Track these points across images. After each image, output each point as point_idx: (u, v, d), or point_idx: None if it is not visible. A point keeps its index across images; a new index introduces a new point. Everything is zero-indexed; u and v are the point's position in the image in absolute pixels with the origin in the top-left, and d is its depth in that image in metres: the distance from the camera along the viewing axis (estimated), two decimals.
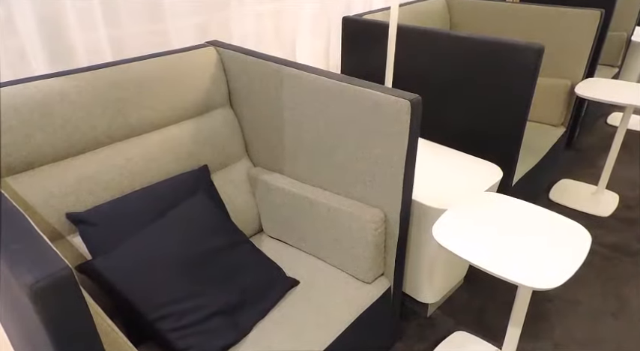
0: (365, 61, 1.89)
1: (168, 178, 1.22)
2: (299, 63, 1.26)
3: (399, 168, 1.12)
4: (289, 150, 1.34)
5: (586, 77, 2.18)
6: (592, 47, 2.07)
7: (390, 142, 1.10)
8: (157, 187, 1.18)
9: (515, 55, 1.51)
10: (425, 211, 1.32)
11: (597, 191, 2.21)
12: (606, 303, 1.61)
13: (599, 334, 1.49)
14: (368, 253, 1.18)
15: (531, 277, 0.95)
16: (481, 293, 1.66)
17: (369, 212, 1.16)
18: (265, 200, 1.36)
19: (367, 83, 1.13)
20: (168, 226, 1.07)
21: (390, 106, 1.07)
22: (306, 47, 1.98)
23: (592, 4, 2.22)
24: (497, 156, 1.64)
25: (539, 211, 1.16)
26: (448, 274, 1.51)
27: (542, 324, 1.53)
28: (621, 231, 1.97)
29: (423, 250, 1.39)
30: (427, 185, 1.40)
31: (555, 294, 1.65)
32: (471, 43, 1.59)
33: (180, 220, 1.09)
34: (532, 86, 1.52)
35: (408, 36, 1.73)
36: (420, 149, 1.63)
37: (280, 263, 1.24)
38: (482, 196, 1.24)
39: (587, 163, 2.54)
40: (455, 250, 1.05)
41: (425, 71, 1.73)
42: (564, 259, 1.00)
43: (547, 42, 2.14)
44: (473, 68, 1.61)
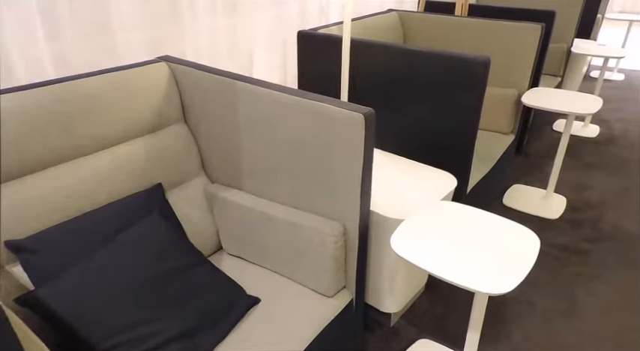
0: (321, 75, 1.91)
1: (120, 198, 1.18)
2: (253, 78, 1.25)
3: (356, 180, 1.13)
4: (247, 165, 1.32)
5: (531, 87, 2.30)
6: (535, 58, 2.18)
7: (347, 155, 1.11)
8: (107, 208, 1.13)
9: (463, 67, 1.57)
10: (383, 221, 1.33)
11: (546, 195, 2.31)
12: (559, 303, 1.68)
13: (554, 334, 1.55)
14: (329, 267, 1.18)
15: (485, 283, 0.97)
16: (442, 300, 1.69)
17: (329, 225, 1.16)
18: (224, 217, 1.34)
19: (321, 97, 1.14)
20: (119, 249, 1.02)
21: (345, 119, 1.08)
22: (262, 62, 1.98)
23: (533, 18, 2.35)
24: (451, 165, 1.69)
25: (491, 218, 1.20)
26: (409, 282, 1.53)
27: (501, 327, 1.57)
28: (569, 232, 2.07)
29: (384, 260, 1.40)
30: (385, 196, 1.42)
31: (511, 297, 1.70)
32: (422, 56, 1.64)
33: (132, 243, 1.05)
34: (481, 96, 1.58)
35: (363, 49, 1.76)
36: (377, 160, 1.66)
37: (241, 282, 1.21)
38: (438, 205, 1.27)
39: (536, 168, 2.66)
40: (412, 259, 1.06)
41: (380, 84, 1.77)
42: (516, 263, 1.03)
43: (494, 54, 2.25)
44: (425, 80, 1.66)
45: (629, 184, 2.47)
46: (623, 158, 2.76)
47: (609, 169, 2.64)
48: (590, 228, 2.10)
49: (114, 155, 1.20)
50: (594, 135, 3.09)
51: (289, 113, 1.16)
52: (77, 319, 0.90)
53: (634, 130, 3.15)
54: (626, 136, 3.07)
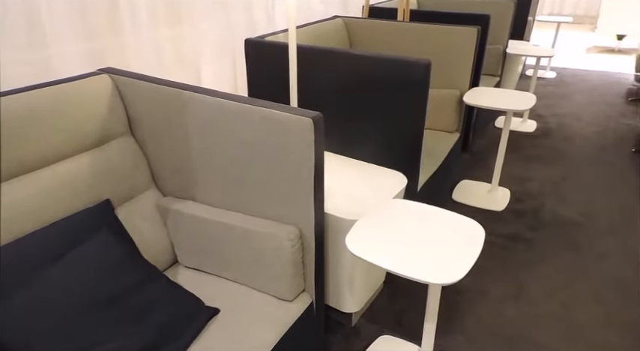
0: (271, 82, 1.92)
1: (66, 216, 1.13)
2: (200, 87, 1.25)
3: (308, 184, 1.15)
4: (199, 176, 1.31)
5: (472, 87, 2.42)
6: (474, 60, 2.30)
7: (298, 160, 1.13)
8: (52, 227, 1.08)
9: (407, 69, 1.64)
10: (338, 223, 1.36)
11: (492, 188, 2.44)
12: (508, 288, 1.77)
13: (504, 318, 1.63)
14: (287, 271, 1.19)
15: (437, 275, 1.02)
16: (400, 296, 1.74)
17: (285, 230, 1.17)
18: (178, 230, 1.32)
19: (270, 104, 1.16)
20: (67, 270, 0.98)
21: (294, 124, 1.10)
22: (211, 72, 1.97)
23: (470, 22, 2.48)
24: (401, 164, 1.75)
25: (440, 213, 1.26)
26: (368, 281, 1.57)
27: (456, 316, 1.64)
28: (514, 222, 2.20)
29: (341, 261, 1.43)
30: (338, 198, 1.45)
31: (465, 286, 1.78)
32: (367, 60, 1.70)
33: (81, 262, 1.01)
34: (424, 97, 1.65)
35: (310, 55, 1.79)
36: (328, 163, 1.69)
37: (199, 293, 1.20)
38: (390, 203, 1.31)
39: (481, 163, 2.80)
40: (368, 258, 1.09)
41: (328, 88, 1.81)
42: (464, 254, 1.09)
43: (436, 57, 2.35)
44: (371, 83, 1.71)
45: (565, 174, 2.65)
46: (559, 150, 2.96)
47: (547, 160, 2.82)
48: (532, 217, 2.24)
49: (57, 172, 1.16)
50: (532, 130, 3.29)
51: (239, 121, 1.17)
52: (22, 345, 0.86)
53: (567, 124, 3.39)
54: (560, 129, 3.29)
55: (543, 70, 4.79)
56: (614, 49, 5.91)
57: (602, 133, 3.21)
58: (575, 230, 2.13)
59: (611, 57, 5.52)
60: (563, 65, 5.06)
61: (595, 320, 1.62)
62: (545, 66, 4.88)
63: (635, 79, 4.48)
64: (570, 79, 4.53)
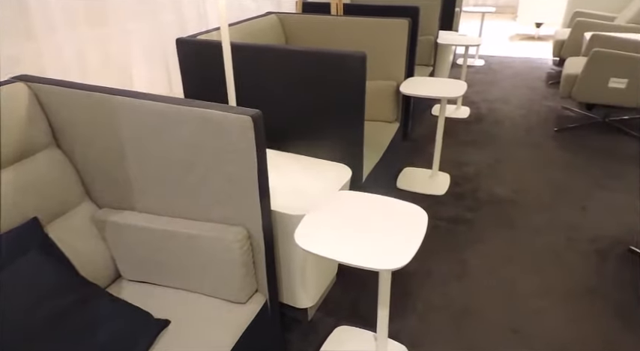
0: (207, 82, 1.87)
1: None
2: (132, 91, 1.19)
3: (252, 183, 1.13)
4: (137, 184, 1.25)
5: (407, 77, 2.49)
6: (407, 51, 2.37)
7: (239, 159, 1.11)
8: None
9: (343, 63, 1.66)
10: (286, 219, 1.36)
11: (432, 174, 2.54)
12: (453, 268, 1.86)
13: (450, 296, 1.71)
14: (237, 273, 1.17)
15: (385, 261, 1.05)
16: (353, 286, 1.77)
17: (232, 232, 1.15)
18: (118, 242, 1.25)
19: (206, 104, 1.13)
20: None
21: (232, 123, 1.08)
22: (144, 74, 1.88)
23: (401, 14, 2.55)
24: (344, 156, 1.77)
25: (385, 201, 1.29)
26: (320, 275, 1.58)
27: (407, 299, 1.69)
28: (455, 205, 2.30)
29: (292, 257, 1.42)
30: (284, 194, 1.44)
31: (414, 270, 1.84)
32: (303, 56, 1.70)
33: (10, 286, 0.94)
34: (362, 89, 1.68)
35: (246, 53, 1.76)
36: (272, 161, 1.68)
37: (146, 306, 1.15)
38: (336, 195, 1.33)
39: (422, 150, 2.90)
40: (317, 251, 1.10)
41: (267, 85, 1.79)
42: (409, 238, 1.12)
43: (371, 49, 2.40)
44: (309, 78, 1.71)
45: (498, 156, 2.81)
46: (491, 134, 3.13)
47: (481, 144, 2.97)
48: (471, 198, 2.36)
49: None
50: (466, 115, 3.45)
51: (175, 123, 1.13)
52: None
53: (497, 108, 3.59)
54: (491, 114, 3.48)
55: (472, 58, 5.04)
56: (534, 37, 6.33)
57: (527, 116, 3.43)
58: (510, 208, 2.27)
59: (531, 44, 5.92)
60: (490, 53, 5.35)
61: (532, 290, 1.74)
62: (474, 54, 5.13)
63: (553, 64, 4.83)
64: (497, 66, 4.80)
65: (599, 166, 2.66)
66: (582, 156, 2.78)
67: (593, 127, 3.18)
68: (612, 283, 1.75)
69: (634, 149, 2.86)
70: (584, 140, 3.00)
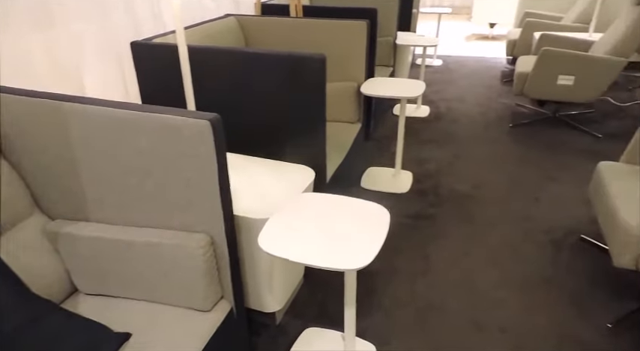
0: (165, 87, 1.83)
1: None
2: (83, 97, 1.14)
3: (213, 188, 1.11)
4: (92, 193, 1.21)
5: (368, 78, 2.53)
6: (366, 52, 2.41)
7: (199, 164, 1.09)
8: None
9: (303, 65, 1.66)
10: (250, 223, 1.34)
11: (395, 173, 2.59)
12: (417, 264, 1.90)
13: (416, 292, 1.75)
14: (201, 281, 1.15)
15: (349, 261, 1.06)
16: (321, 287, 1.77)
17: (194, 239, 1.13)
18: (73, 255, 1.20)
19: (163, 109, 1.10)
20: None
21: (190, 128, 1.06)
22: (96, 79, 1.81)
23: (360, 15, 2.58)
24: (307, 158, 1.77)
25: (349, 202, 1.30)
26: (287, 278, 1.57)
27: (374, 297, 1.72)
28: (418, 202, 2.35)
29: (258, 261, 1.41)
30: (247, 198, 1.43)
31: (380, 268, 1.87)
32: (263, 58, 1.69)
33: None
34: (322, 91, 1.69)
35: (204, 56, 1.73)
36: (234, 164, 1.66)
37: (106, 320, 1.11)
38: (300, 197, 1.33)
39: (384, 150, 2.95)
40: (282, 254, 1.09)
41: (227, 88, 1.77)
42: (372, 237, 1.14)
43: (331, 51, 2.41)
44: (270, 81, 1.70)
45: (457, 153, 2.90)
46: (450, 131, 3.22)
47: (441, 142, 3.06)
48: (432, 195, 2.42)
49: None
50: (426, 114, 3.54)
51: (131, 130, 1.09)
52: None
53: (455, 107, 3.70)
54: (449, 112, 3.58)
55: (431, 58, 5.17)
56: (489, 36, 6.57)
57: (484, 113, 3.55)
58: (470, 202, 2.34)
59: (486, 43, 6.13)
60: (448, 53, 5.50)
61: (492, 282, 1.80)
62: (432, 55, 5.26)
63: (507, 62, 5.02)
64: (454, 65, 4.95)
65: (551, 159, 2.79)
66: (535, 150, 2.91)
67: (545, 123, 3.34)
68: (566, 272, 1.84)
69: (582, 143, 3.02)
70: (537, 135, 3.14)
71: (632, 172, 1.74)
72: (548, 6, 4.91)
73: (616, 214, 1.51)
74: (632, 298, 1.69)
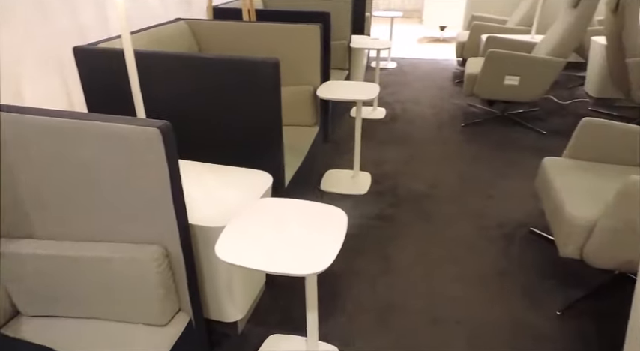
0: (113, 95, 1.76)
1: None
2: (21, 107, 1.08)
3: (166, 197, 1.08)
4: (35, 208, 1.14)
5: (324, 81, 2.54)
6: (321, 55, 2.42)
7: (150, 173, 1.06)
8: None
9: (256, 69, 1.65)
10: (206, 232, 1.31)
11: (354, 175, 2.61)
12: (378, 265, 1.92)
13: (378, 294, 1.77)
14: (156, 295, 1.11)
15: (308, 265, 1.05)
16: (283, 292, 1.76)
17: (147, 251, 1.09)
18: (14, 275, 1.13)
19: (110, 117, 1.06)
20: None
21: (139, 136, 1.02)
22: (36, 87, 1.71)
23: (313, 19, 2.59)
24: (265, 163, 1.76)
25: (307, 206, 1.30)
26: (248, 285, 1.55)
27: (336, 300, 1.72)
28: (377, 202, 2.39)
29: (216, 270, 1.38)
30: (203, 206, 1.40)
31: (342, 270, 1.88)
32: (215, 63, 1.66)
33: None
34: (277, 95, 1.68)
35: (153, 62, 1.68)
36: (188, 172, 1.62)
37: (52, 342, 1.04)
38: (257, 203, 1.31)
39: (343, 152, 2.98)
40: (240, 262, 1.07)
41: (180, 95, 1.72)
42: (331, 240, 1.14)
43: (285, 55, 2.41)
44: (223, 86, 1.68)
45: (413, 153, 2.97)
46: (406, 132, 3.29)
47: (397, 143, 3.12)
48: (391, 195, 2.46)
49: None
50: (382, 116, 3.60)
51: (74, 140, 1.04)
52: None
53: (410, 108, 3.78)
54: (405, 114, 3.66)
55: (385, 61, 5.27)
56: (439, 39, 6.78)
57: (438, 114, 3.66)
58: (427, 202, 2.40)
59: (437, 46, 6.33)
60: (402, 55, 5.63)
61: (449, 278, 1.85)
62: (387, 57, 5.37)
63: (457, 64, 5.20)
64: (408, 67, 5.07)
65: (501, 156, 2.91)
66: (486, 148, 3.03)
67: (495, 121, 3.48)
68: (518, 264, 1.92)
69: (529, 140, 3.17)
70: (488, 134, 3.26)
71: (573, 167, 1.85)
72: (493, 9, 5.13)
73: (560, 207, 1.59)
74: (578, 285, 1.79)
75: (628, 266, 1.46)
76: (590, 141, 1.89)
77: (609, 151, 1.87)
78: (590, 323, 1.61)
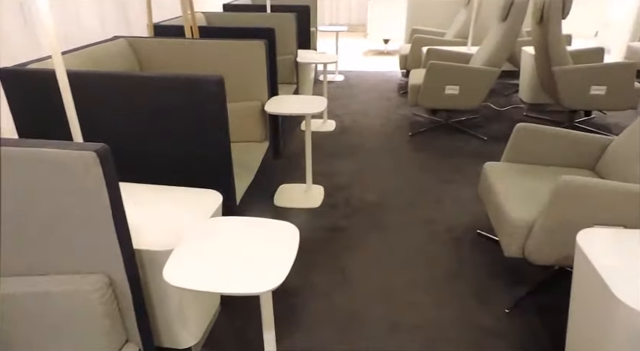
0: (46, 118, 1.67)
1: None
2: None
3: (107, 223, 1.03)
4: None
5: (272, 96, 2.55)
6: (267, 71, 2.43)
7: (89, 199, 1.01)
8: None
9: (201, 87, 1.62)
10: (154, 256, 1.26)
11: (307, 188, 2.62)
12: (334, 277, 1.93)
13: (335, 306, 1.77)
14: (101, 326, 1.05)
15: (260, 284, 1.04)
16: (239, 313, 1.72)
17: (88, 282, 1.03)
18: None
19: (42, 142, 1.00)
20: None
21: (75, 161, 0.98)
22: None
23: (258, 36, 2.60)
24: (214, 182, 1.72)
25: (257, 223, 1.28)
26: (202, 308, 1.50)
27: (293, 317, 1.70)
28: (330, 214, 2.40)
29: (167, 295, 1.33)
30: (150, 229, 1.35)
31: (298, 286, 1.86)
32: (158, 82, 1.62)
33: None
34: (223, 113, 1.66)
35: (91, 82, 1.62)
36: (133, 195, 1.56)
37: None
38: (207, 223, 1.28)
39: (295, 166, 2.98)
40: (190, 285, 1.04)
41: (122, 115, 1.67)
42: (283, 257, 1.13)
43: (231, 71, 2.39)
44: (167, 105, 1.64)
45: (364, 164, 3.02)
46: (355, 144, 3.35)
47: (347, 154, 3.17)
48: (344, 207, 2.48)
49: None
50: (332, 129, 3.65)
51: (5, 169, 0.98)
52: None
53: (358, 120, 3.86)
54: (354, 125, 3.74)
55: (333, 74, 5.37)
56: (384, 52, 7.00)
57: (386, 124, 3.76)
58: (379, 211, 2.45)
59: (382, 58, 6.53)
60: (349, 68, 5.76)
61: (405, 285, 1.89)
62: (334, 71, 5.47)
63: (402, 76, 5.39)
64: (355, 80, 5.19)
65: (447, 163, 3.03)
66: (433, 156, 3.14)
67: (439, 130, 3.62)
68: (468, 266, 1.99)
69: (472, 146, 3.32)
70: (433, 142, 3.39)
71: (511, 170, 1.95)
72: (432, 23, 5.38)
73: (501, 209, 1.68)
74: (523, 283, 1.88)
75: (566, 261, 1.55)
76: (525, 145, 2.01)
77: (543, 153, 2.00)
78: (537, 318, 1.70)
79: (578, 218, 1.46)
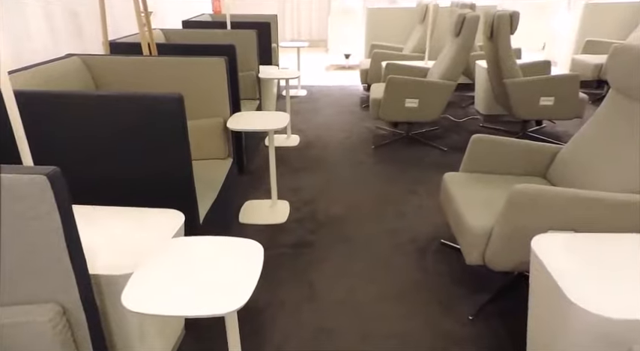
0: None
1: None
2: None
3: (59, 248, 0.99)
4: None
5: (234, 112, 2.53)
6: (228, 87, 2.42)
7: (40, 224, 0.96)
8: None
9: (159, 105, 1.60)
10: (112, 281, 1.22)
11: (272, 204, 2.61)
12: (301, 292, 1.91)
13: (303, 322, 1.76)
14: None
15: (223, 304, 1.02)
16: (205, 335, 1.67)
17: (40, 312, 0.98)
18: None
19: None
20: None
21: (24, 186, 0.94)
22: None
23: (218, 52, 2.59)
24: (175, 201, 1.69)
25: (220, 242, 1.26)
26: (165, 332, 1.45)
27: (262, 335, 1.68)
28: (297, 230, 2.40)
29: (127, 321, 1.28)
30: (108, 253, 1.30)
31: (266, 303, 1.84)
32: (114, 101, 1.58)
33: None
34: (183, 130, 1.64)
35: (41, 102, 1.56)
36: (89, 218, 1.50)
37: None
38: (168, 244, 1.25)
39: (260, 182, 2.96)
40: (150, 310, 1.01)
41: (77, 137, 1.61)
42: (247, 275, 1.12)
43: (191, 88, 2.37)
44: (125, 124, 1.60)
45: (328, 177, 3.04)
46: (320, 158, 3.38)
47: (312, 169, 3.18)
48: (310, 221, 2.48)
49: None
50: (296, 143, 3.66)
51: None
52: None
53: (322, 134, 3.90)
54: (318, 139, 3.76)
55: (296, 89, 5.41)
56: (345, 66, 7.13)
57: (349, 137, 3.81)
58: (345, 224, 2.46)
59: (344, 73, 6.64)
60: (311, 83, 5.82)
61: (372, 297, 1.90)
62: (297, 85, 5.51)
63: (364, 89, 5.50)
64: (318, 94, 5.25)
65: (410, 174, 3.10)
66: (396, 168, 3.20)
67: (401, 142, 3.70)
68: (432, 275, 2.03)
69: (433, 157, 3.41)
70: (396, 154, 3.46)
71: (469, 180, 2.02)
72: (390, 38, 5.53)
73: (461, 218, 1.72)
74: (485, 289, 1.93)
75: (523, 267, 1.61)
76: (481, 155, 2.08)
77: (498, 163, 2.08)
78: (499, 322, 1.74)
79: (532, 224, 1.52)
